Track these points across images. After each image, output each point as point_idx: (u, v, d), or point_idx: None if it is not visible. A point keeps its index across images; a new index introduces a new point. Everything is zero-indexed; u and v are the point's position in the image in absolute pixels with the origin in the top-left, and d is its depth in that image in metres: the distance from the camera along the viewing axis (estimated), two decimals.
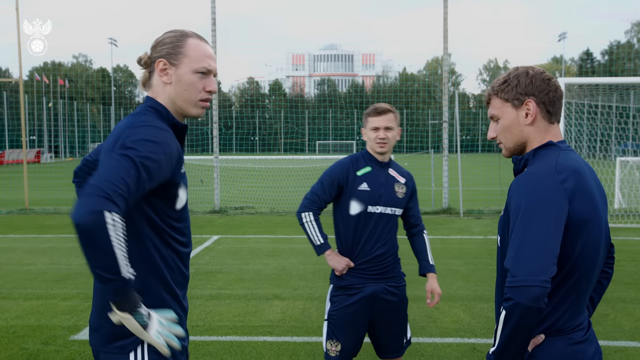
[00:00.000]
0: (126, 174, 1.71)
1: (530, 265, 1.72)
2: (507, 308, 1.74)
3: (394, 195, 3.26)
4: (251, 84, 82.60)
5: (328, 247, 3.29)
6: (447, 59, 14.31)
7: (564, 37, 64.48)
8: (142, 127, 1.87)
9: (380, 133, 3.21)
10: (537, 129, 1.98)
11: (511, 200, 1.88)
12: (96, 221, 1.61)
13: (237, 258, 8.49)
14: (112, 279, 1.66)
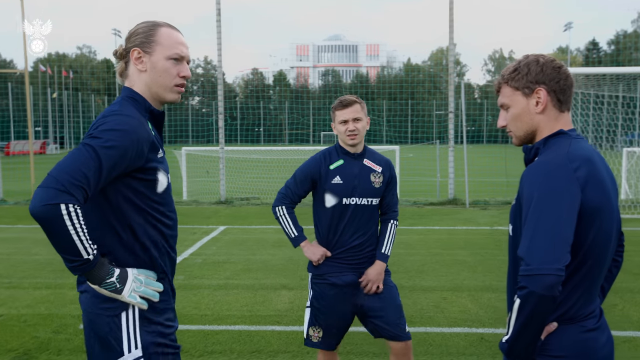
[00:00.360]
0: (84, 165, 1.84)
1: (544, 253, 1.72)
2: (521, 296, 1.75)
3: (370, 185, 3.28)
4: (255, 74, 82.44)
5: (303, 239, 3.37)
6: (452, 49, 14.25)
7: (570, 27, 64.00)
8: (111, 116, 1.99)
9: (349, 125, 3.23)
10: (547, 117, 1.98)
11: (523, 189, 1.88)
12: (50, 212, 1.77)
13: (243, 248, 8.52)
14: (74, 259, 1.85)
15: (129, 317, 2.02)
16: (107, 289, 1.94)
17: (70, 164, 1.84)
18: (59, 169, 1.82)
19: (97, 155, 1.86)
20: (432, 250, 8.24)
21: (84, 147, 1.88)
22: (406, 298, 5.93)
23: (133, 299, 1.99)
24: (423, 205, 13.29)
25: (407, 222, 10.86)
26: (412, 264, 7.44)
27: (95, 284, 1.94)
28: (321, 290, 3.31)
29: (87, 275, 1.92)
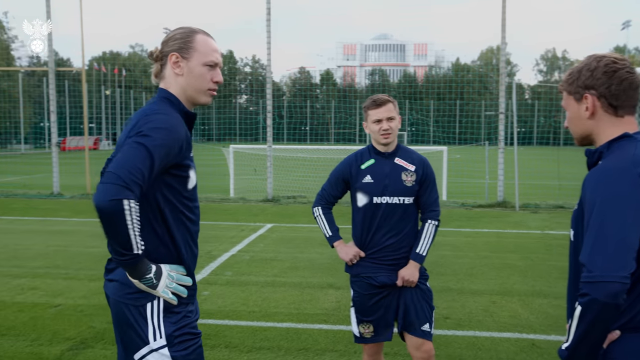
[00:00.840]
0: (142, 163, 1.95)
1: (608, 260, 1.68)
2: (582, 304, 1.71)
3: (402, 184, 3.25)
4: (302, 73, 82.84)
5: (337, 239, 3.41)
6: (504, 48, 13.98)
7: (628, 26, 61.79)
8: (155, 114, 2.11)
9: (383, 124, 3.23)
10: (599, 122, 1.95)
11: (585, 194, 1.84)
12: (115, 207, 1.88)
13: (291, 246, 8.59)
14: (125, 254, 1.95)
15: (153, 308, 2.12)
16: (145, 284, 2.06)
17: (128, 161, 1.94)
18: (119, 166, 1.93)
19: (149, 153, 1.97)
20: (480, 253, 8.12)
21: (138, 145, 1.98)
22: (454, 301, 5.88)
23: (165, 294, 2.11)
24: (471, 207, 13.09)
25: (455, 224, 10.73)
26: (460, 266, 7.35)
27: (135, 279, 2.04)
28: (360, 288, 3.34)
29: (130, 269, 2.02)
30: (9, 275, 6.75)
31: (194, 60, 2.23)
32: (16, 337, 4.78)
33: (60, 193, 14.79)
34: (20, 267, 7.12)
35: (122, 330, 2.19)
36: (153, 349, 2.13)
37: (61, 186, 15.18)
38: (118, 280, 2.18)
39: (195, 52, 2.23)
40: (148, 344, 2.13)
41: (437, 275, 6.86)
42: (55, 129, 15.30)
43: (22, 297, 5.90)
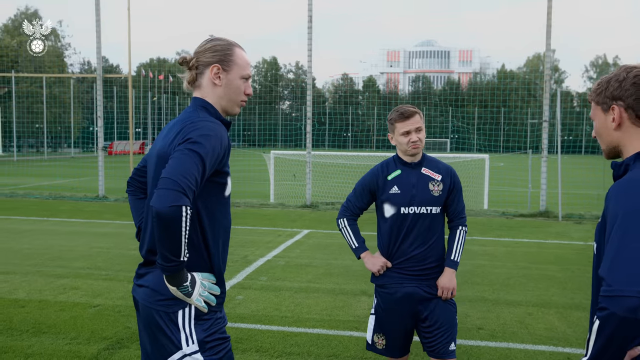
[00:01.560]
0: (196, 170, 2.01)
1: (628, 274, 1.65)
2: (601, 318, 1.68)
3: (429, 193, 3.24)
4: (345, 80, 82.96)
5: (363, 250, 3.40)
6: (549, 55, 13.71)
7: None
8: (202, 121, 2.16)
9: (412, 136, 3.22)
10: (626, 134, 1.92)
11: (608, 207, 1.81)
12: (176, 214, 1.92)
13: (326, 253, 8.61)
14: (173, 259, 2.00)
15: (185, 314, 2.18)
16: (181, 292, 2.11)
17: (184, 168, 1.99)
18: (176, 173, 1.97)
19: (201, 160, 2.03)
20: (519, 264, 7.97)
21: (190, 152, 2.02)
22: (489, 312, 5.79)
23: (199, 302, 2.16)
24: (512, 216, 12.86)
25: (494, 233, 10.56)
26: (496, 276, 7.23)
27: (174, 286, 2.09)
28: (383, 299, 3.33)
29: (172, 276, 2.07)
30: (53, 275, 6.99)
31: (233, 72, 2.31)
32: (56, 335, 4.95)
33: (105, 196, 15.22)
34: (64, 268, 7.37)
35: (152, 336, 2.23)
36: (186, 354, 2.18)
37: (106, 189, 15.62)
38: (149, 286, 2.23)
39: (235, 65, 2.31)
40: (181, 349, 2.18)
41: (472, 285, 6.78)
42: (102, 134, 15.76)
43: (64, 296, 6.11)
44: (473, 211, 13.52)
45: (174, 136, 2.15)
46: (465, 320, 5.46)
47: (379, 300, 3.38)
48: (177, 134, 2.13)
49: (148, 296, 2.22)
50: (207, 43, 2.33)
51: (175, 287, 2.09)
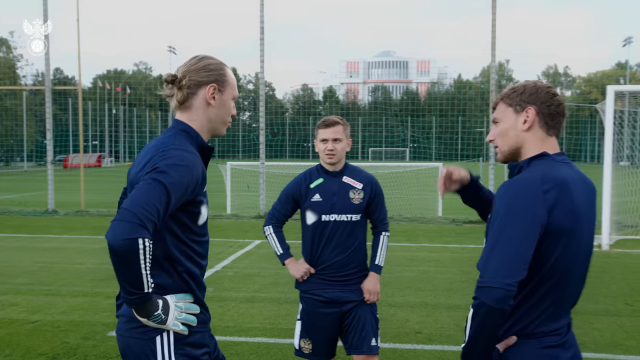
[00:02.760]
0: (158, 200, 1.90)
1: (498, 268, 1.79)
2: (474, 306, 1.83)
3: (349, 202, 3.35)
4: (305, 90, 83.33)
5: (288, 257, 3.50)
6: (494, 67, 14.12)
7: (630, 42, 61.92)
8: (174, 150, 2.06)
9: (328, 145, 3.33)
10: (533, 136, 2.05)
11: (495, 204, 1.95)
12: (129, 247, 1.82)
13: (275, 262, 8.62)
14: (135, 292, 1.90)
15: (163, 341, 2.09)
16: (154, 321, 2.01)
17: (144, 198, 1.89)
18: (135, 203, 1.87)
19: (166, 191, 1.93)
20: (463, 269, 8.17)
21: (154, 182, 1.93)
22: (428, 316, 5.92)
23: (176, 327, 2.06)
24: (462, 223, 13.14)
25: (443, 240, 10.78)
26: (440, 282, 7.39)
27: (143, 317, 1.99)
28: (308, 305, 3.43)
29: (138, 308, 1.97)
30: None
31: (226, 93, 2.26)
32: None
33: (55, 210, 14.92)
34: (5, 284, 7.21)
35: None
36: None
37: (56, 203, 15.32)
38: (123, 315, 2.15)
39: (228, 86, 2.26)
40: None
41: (415, 291, 6.92)
42: (51, 147, 15.48)
43: (2, 313, 5.99)
44: (425, 219, 13.77)
45: (145, 163, 2.07)
46: (404, 325, 5.59)
47: (304, 305, 3.47)
48: (148, 161, 2.05)
49: (123, 325, 2.14)
50: (199, 62, 2.23)
51: (145, 318, 1.99)
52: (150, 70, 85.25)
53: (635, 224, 12.09)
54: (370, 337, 3.35)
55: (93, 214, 14.59)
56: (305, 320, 3.45)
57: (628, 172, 13.14)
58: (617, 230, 11.41)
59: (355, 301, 3.38)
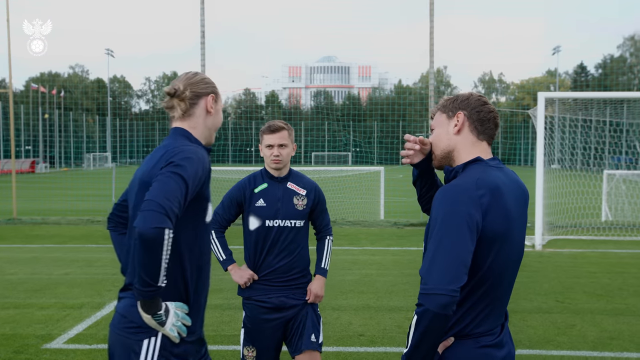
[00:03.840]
0: (179, 192, 2.02)
1: (441, 274, 1.83)
2: (418, 313, 1.85)
3: (293, 207, 3.38)
4: (247, 95, 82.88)
5: (230, 263, 3.47)
6: (432, 73, 14.47)
7: (558, 51, 64.77)
8: (184, 146, 2.21)
9: (274, 150, 3.35)
10: (463, 140, 2.13)
11: (433, 209, 1.99)
12: (158, 236, 1.92)
13: (218, 268, 8.52)
14: (151, 284, 1.98)
15: (149, 345, 2.14)
16: (155, 320, 2.07)
17: (167, 190, 1.99)
18: (159, 195, 1.97)
19: (185, 183, 2.05)
20: (404, 271, 8.31)
21: (173, 175, 2.04)
22: (371, 319, 6.00)
23: (172, 332, 2.12)
24: (403, 226, 13.38)
25: (384, 242, 10.94)
26: (382, 284, 7.50)
27: (148, 314, 2.05)
28: (251, 311, 3.41)
29: (148, 303, 2.03)
30: None
31: (219, 103, 2.46)
32: None
33: None
34: None
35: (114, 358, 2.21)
36: None
37: None
38: (120, 312, 2.21)
39: (219, 97, 2.47)
40: None
41: (358, 294, 6.99)
42: None
43: None
44: (367, 222, 13.93)
45: (156, 161, 2.17)
46: (347, 328, 5.64)
47: (247, 312, 3.45)
48: (160, 159, 2.16)
49: (117, 322, 2.21)
50: (195, 75, 2.41)
51: (149, 315, 2.05)
52: (87, 73, 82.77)
53: (566, 224, 12.64)
54: (309, 333, 3.36)
55: (26, 222, 14.00)
56: (248, 328, 3.43)
57: (559, 175, 13.74)
58: (549, 230, 11.89)
59: (298, 306, 3.39)
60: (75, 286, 7.37)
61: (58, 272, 8.22)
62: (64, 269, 8.44)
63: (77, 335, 5.45)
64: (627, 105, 21.93)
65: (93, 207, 15.48)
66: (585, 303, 6.56)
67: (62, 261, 9.03)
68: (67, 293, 7.03)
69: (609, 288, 7.30)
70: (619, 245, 10.88)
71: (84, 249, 10.21)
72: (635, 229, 12.68)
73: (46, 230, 12.75)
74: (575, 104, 14.54)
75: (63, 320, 5.88)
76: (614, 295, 6.95)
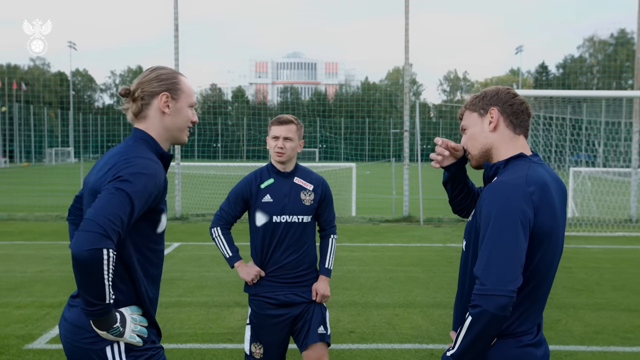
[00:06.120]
0: (122, 210, 1.92)
1: (500, 275, 1.79)
2: (473, 314, 1.81)
3: (300, 203, 3.34)
4: (214, 90, 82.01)
5: (237, 259, 3.41)
6: (408, 69, 14.55)
7: (521, 50, 65.92)
8: (137, 158, 2.08)
9: (279, 142, 3.30)
10: (501, 136, 2.10)
11: (482, 207, 1.95)
12: (94, 257, 1.83)
13: (198, 265, 8.44)
14: (97, 303, 1.90)
15: (114, 351, 2.07)
16: (112, 334, 2.01)
17: (108, 208, 1.90)
18: (99, 214, 1.88)
19: (130, 200, 1.94)
20: (386, 267, 8.34)
21: (118, 192, 1.93)
22: (359, 315, 5.99)
23: (132, 339, 2.07)
24: (379, 222, 13.43)
25: (363, 239, 10.96)
26: (366, 280, 7.51)
27: (103, 330, 1.99)
28: (258, 307, 3.36)
29: (99, 321, 1.96)
30: None
31: (181, 101, 2.27)
32: None
33: None
34: None
35: None
36: None
37: None
38: (72, 322, 2.13)
39: (183, 94, 2.28)
40: None
41: (343, 290, 6.98)
42: None
43: None
44: (342, 218, 13.94)
45: (106, 171, 2.07)
46: (337, 325, 5.61)
47: (253, 309, 3.39)
48: (109, 170, 2.05)
49: (71, 333, 2.12)
50: (150, 73, 2.28)
51: (105, 331, 1.99)
52: (48, 66, 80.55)
53: None
54: (316, 327, 3.33)
55: None
56: (255, 324, 3.37)
57: None
58: None
59: (305, 302, 3.35)
60: (52, 284, 7.16)
61: (32, 269, 7.97)
62: (38, 266, 8.18)
63: (59, 335, 5.28)
64: (586, 104, 22.53)
65: (60, 203, 15.07)
66: (566, 298, 6.69)
67: (35, 258, 8.76)
68: (44, 291, 6.82)
69: (587, 283, 7.46)
70: (590, 241, 11.14)
71: (57, 246, 9.93)
72: (603, 225, 13.01)
73: (14, 226, 12.37)
74: (536, 102, 14.83)
75: (43, 320, 5.70)
76: (593, 290, 7.11)
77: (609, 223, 13.22)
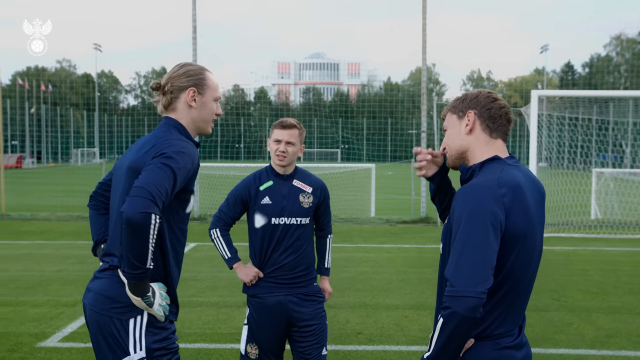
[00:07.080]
0: (167, 182, 2.13)
1: (469, 276, 1.79)
2: (444, 316, 1.81)
3: (299, 205, 3.36)
4: (236, 91, 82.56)
5: (236, 261, 3.44)
6: (425, 69, 14.48)
7: (546, 49, 65.10)
8: (176, 140, 2.31)
9: (280, 146, 3.32)
10: (476, 139, 2.11)
11: (454, 209, 1.96)
12: (145, 220, 2.02)
13: (211, 266, 8.51)
14: (139, 266, 2.08)
15: (136, 322, 2.25)
16: (145, 302, 2.20)
17: (156, 179, 2.11)
18: (148, 182, 2.08)
19: (174, 174, 2.16)
20: (400, 269, 8.31)
21: (164, 166, 2.15)
22: (368, 317, 5.98)
23: (159, 312, 2.26)
24: (396, 223, 13.38)
25: (378, 240, 10.93)
26: (378, 282, 7.49)
27: (138, 296, 2.17)
28: (255, 309, 3.38)
29: (137, 285, 2.15)
30: None
31: (207, 95, 2.48)
32: None
33: None
34: None
35: (102, 341, 2.29)
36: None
37: None
38: (100, 292, 2.29)
39: (208, 89, 2.49)
40: (129, 355, 2.25)
41: (354, 292, 6.98)
42: None
43: None
44: (359, 219, 13.93)
45: (146, 150, 2.26)
46: (345, 326, 5.62)
47: (251, 310, 3.41)
48: (151, 149, 2.25)
49: (99, 302, 2.28)
50: (179, 69, 2.47)
51: (139, 297, 2.17)
52: (74, 67, 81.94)
53: (557, 222, 12.72)
54: (321, 346, 3.36)
55: (15, 218, 13.86)
56: (252, 325, 3.39)
57: (547, 173, 13.85)
58: None
59: (302, 312, 3.36)
60: (68, 283, 7.29)
61: (50, 269, 8.12)
62: (56, 265, 8.34)
63: (72, 334, 5.38)
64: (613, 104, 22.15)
65: (82, 203, 15.31)
66: (580, 301, 6.59)
67: (54, 258, 8.93)
68: (60, 290, 6.95)
69: (603, 286, 7.35)
70: (610, 243, 10.96)
71: (76, 246, 10.10)
72: (625, 227, 12.78)
73: (36, 226, 12.62)
74: (562, 102, 14.62)
75: (57, 318, 5.81)
76: (608, 293, 6.99)
77: (630, 225, 12.98)
